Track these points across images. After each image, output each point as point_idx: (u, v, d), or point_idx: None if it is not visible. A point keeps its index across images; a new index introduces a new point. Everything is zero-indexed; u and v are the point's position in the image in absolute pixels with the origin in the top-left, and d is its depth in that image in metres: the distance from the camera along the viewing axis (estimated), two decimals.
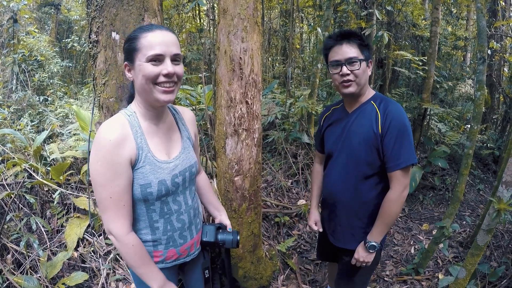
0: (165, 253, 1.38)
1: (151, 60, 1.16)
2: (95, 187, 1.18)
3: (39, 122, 5.52)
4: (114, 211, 1.19)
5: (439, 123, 5.85)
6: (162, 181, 1.26)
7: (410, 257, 3.39)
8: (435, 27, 4.88)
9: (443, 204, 4.61)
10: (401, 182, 1.58)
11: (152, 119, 1.29)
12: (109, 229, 1.22)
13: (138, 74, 1.18)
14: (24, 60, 6.78)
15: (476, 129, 2.76)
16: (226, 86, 2.07)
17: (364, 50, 1.63)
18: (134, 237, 1.25)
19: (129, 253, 1.24)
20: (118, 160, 1.16)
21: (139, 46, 1.17)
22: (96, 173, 1.16)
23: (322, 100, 6.24)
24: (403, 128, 1.55)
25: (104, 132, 1.16)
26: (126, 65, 1.24)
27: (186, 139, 1.43)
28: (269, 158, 4.59)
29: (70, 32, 10.37)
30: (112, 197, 1.17)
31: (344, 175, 1.75)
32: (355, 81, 1.62)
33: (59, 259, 2.65)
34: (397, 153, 1.55)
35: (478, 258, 2.19)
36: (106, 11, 1.82)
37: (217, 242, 1.54)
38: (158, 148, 1.28)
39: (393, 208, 1.61)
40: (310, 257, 3.19)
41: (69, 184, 3.51)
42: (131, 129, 1.21)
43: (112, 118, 1.23)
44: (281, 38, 7.92)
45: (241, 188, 2.25)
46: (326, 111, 1.95)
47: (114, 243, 1.25)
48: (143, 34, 1.17)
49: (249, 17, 1.98)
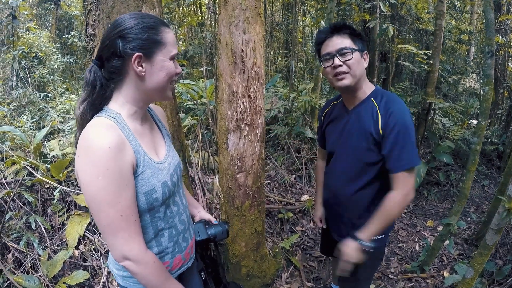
0: (172, 262, 1.27)
1: (173, 59, 1.11)
2: (99, 208, 0.99)
3: (39, 119, 5.49)
4: (127, 231, 1.02)
5: (443, 117, 5.79)
6: (164, 183, 1.16)
7: (415, 254, 3.35)
8: (440, 21, 4.79)
9: (448, 199, 4.56)
10: (405, 183, 1.51)
11: (138, 119, 1.16)
12: (124, 254, 1.04)
13: (160, 70, 1.08)
14: (24, 57, 6.75)
15: (483, 124, 2.69)
16: (228, 80, 2.01)
17: (357, 40, 1.57)
18: (151, 253, 1.12)
19: (153, 273, 1.09)
20: (123, 168, 1.00)
21: (164, 41, 1.07)
22: (100, 192, 0.97)
23: (325, 94, 6.18)
24: (406, 130, 1.48)
25: (98, 140, 0.97)
26: (138, 56, 1.04)
27: (167, 137, 1.34)
28: (272, 153, 4.55)
29: (70, 27, 10.32)
30: (123, 215, 1.00)
31: (345, 175, 1.72)
32: (349, 73, 1.54)
33: (59, 258, 2.62)
34: (400, 155, 1.49)
35: (486, 257, 2.13)
36: (103, 3, 1.77)
37: (210, 237, 1.50)
38: (149, 149, 1.16)
39: (395, 209, 1.54)
40: (314, 253, 3.15)
41: (70, 181, 3.48)
42: (122, 132, 1.05)
43: (97, 123, 1.03)
44: (284, 32, 7.85)
45: (244, 185, 2.19)
46: (326, 106, 1.91)
47: (130, 269, 1.06)
48: (164, 29, 1.08)
49: (251, 7, 1.91)
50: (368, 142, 1.57)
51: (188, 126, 4.19)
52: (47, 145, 4.01)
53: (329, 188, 1.88)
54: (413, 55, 5.59)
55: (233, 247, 2.36)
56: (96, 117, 1.06)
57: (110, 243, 1.04)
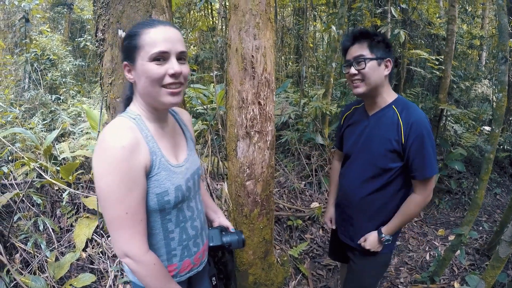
0: (180, 265, 1.27)
1: (155, 59, 1.05)
2: (106, 204, 1.03)
3: (51, 121, 5.55)
4: (130, 229, 1.05)
5: (455, 124, 5.69)
6: (178, 187, 1.16)
7: (425, 263, 3.28)
8: (452, 25, 4.72)
9: (460, 208, 4.47)
10: (425, 188, 1.61)
11: (157, 122, 1.18)
12: (125, 251, 1.06)
13: (141, 75, 1.07)
14: (36, 59, 6.84)
15: (497, 132, 2.62)
16: (238, 86, 1.99)
17: (375, 49, 1.57)
18: (153, 255, 1.12)
19: (151, 275, 1.10)
20: (134, 169, 1.02)
21: (141, 43, 1.05)
22: (108, 188, 1.00)
23: (336, 100, 6.13)
24: (428, 140, 1.54)
25: (113, 139, 1.01)
26: (126, 65, 1.12)
27: (190, 141, 1.35)
28: (282, 159, 4.52)
29: (83, 31, 10.44)
30: (128, 213, 1.03)
31: (360, 178, 1.74)
32: (364, 81, 1.59)
33: (66, 260, 2.63)
34: (422, 164, 1.55)
35: (499, 270, 2.08)
36: (112, 8, 1.76)
37: (224, 245, 1.48)
38: (168, 151, 1.18)
39: (415, 210, 1.66)
40: (323, 262, 3.10)
41: (79, 183, 3.50)
42: (141, 133, 1.09)
43: (116, 123, 1.08)
44: (295, 37, 7.83)
45: (253, 193, 2.17)
46: (347, 109, 1.93)
47: (130, 267, 1.08)
48: (145, 30, 1.06)
49: (261, 13, 1.89)
50: (386, 149, 1.61)
51: (198, 131, 4.19)
52: (57, 147, 4.05)
53: (341, 189, 1.92)
54: (424, 61, 5.53)
55: (241, 255, 2.33)
56: (119, 116, 1.13)
57: (113, 238, 1.07)
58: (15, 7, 6.52)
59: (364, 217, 1.78)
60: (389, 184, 1.67)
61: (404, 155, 1.58)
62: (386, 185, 1.67)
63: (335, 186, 2.04)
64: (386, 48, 1.59)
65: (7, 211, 2.97)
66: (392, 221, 1.69)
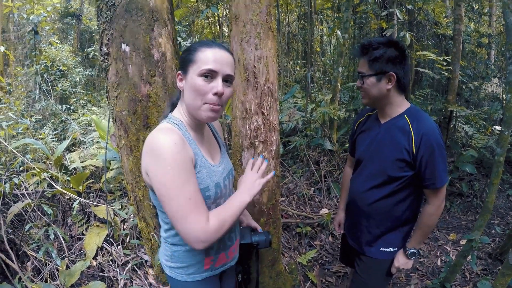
0: (216, 258, 1.38)
1: (204, 75, 1.16)
2: (168, 197, 1.11)
3: (62, 131, 5.63)
4: (196, 211, 1.13)
5: (465, 125, 5.61)
6: (217, 184, 1.29)
7: (436, 269, 3.23)
8: (459, 25, 4.67)
9: (471, 211, 4.39)
10: (437, 197, 1.66)
11: (197, 129, 1.31)
12: (198, 236, 1.13)
13: (189, 86, 1.19)
14: (46, 70, 6.95)
15: (507, 134, 2.57)
16: (241, 97, 2.00)
17: (375, 64, 1.60)
18: (212, 219, 1.16)
19: (223, 226, 1.17)
20: (187, 160, 1.14)
21: (196, 59, 1.17)
22: (169, 180, 1.10)
23: (344, 104, 6.10)
24: (438, 151, 1.57)
25: (164, 138, 1.12)
26: (179, 74, 1.25)
27: (222, 146, 1.49)
28: (291, 165, 4.50)
29: (92, 41, 10.61)
30: (191, 198, 1.12)
31: (368, 184, 1.78)
32: (366, 94, 1.69)
33: (77, 268, 2.66)
34: (433, 174, 1.59)
35: (509, 278, 2.04)
36: (116, 23, 1.79)
37: (253, 243, 1.60)
38: (206, 153, 1.31)
39: (432, 220, 1.71)
40: (332, 269, 3.08)
41: (89, 192, 3.54)
42: (184, 136, 1.21)
43: (161, 128, 1.19)
44: (301, 42, 7.82)
45: (259, 203, 2.17)
46: (360, 116, 1.98)
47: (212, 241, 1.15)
48: (202, 48, 1.18)
49: (262, 22, 1.90)
50: (396, 157, 1.64)
51: None
52: (67, 157, 4.10)
53: (351, 194, 1.94)
54: (432, 62, 5.47)
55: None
56: (162, 122, 1.26)
57: (183, 227, 1.13)
58: (24, 19, 6.66)
59: (372, 223, 1.81)
60: (397, 192, 1.69)
61: (415, 164, 1.61)
62: (394, 192, 1.70)
63: (346, 191, 2.07)
64: (387, 63, 1.58)
65: (19, 220, 3.03)
66: (414, 235, 1.76)
